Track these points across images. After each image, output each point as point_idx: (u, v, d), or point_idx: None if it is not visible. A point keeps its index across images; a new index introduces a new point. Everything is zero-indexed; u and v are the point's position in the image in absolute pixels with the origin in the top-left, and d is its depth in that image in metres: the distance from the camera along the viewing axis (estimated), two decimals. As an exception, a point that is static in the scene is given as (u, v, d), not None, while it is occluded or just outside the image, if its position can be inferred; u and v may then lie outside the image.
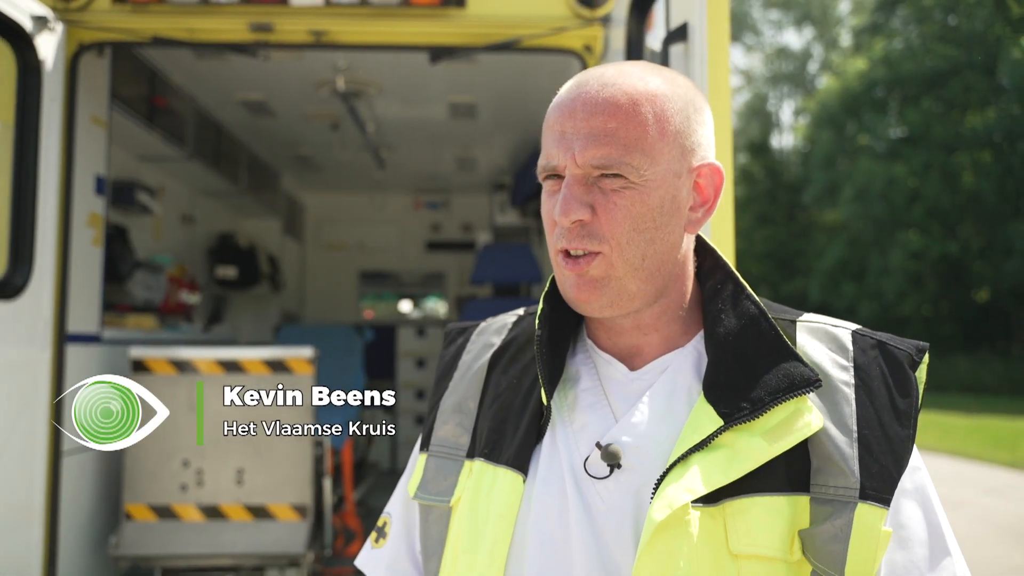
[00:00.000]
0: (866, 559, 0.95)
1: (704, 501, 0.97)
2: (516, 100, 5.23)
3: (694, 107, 1.06)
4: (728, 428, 0.99)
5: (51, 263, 3.27)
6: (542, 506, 1.06)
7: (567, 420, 1.10)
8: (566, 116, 1.03)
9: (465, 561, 1.09)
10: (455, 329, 1.32)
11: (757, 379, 1.01)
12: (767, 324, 1.05)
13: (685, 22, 2.18)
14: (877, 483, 0.97)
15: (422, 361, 7.69)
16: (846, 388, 1.02)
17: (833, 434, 0.99)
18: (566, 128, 1.02)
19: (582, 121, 1.01)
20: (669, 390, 1.07)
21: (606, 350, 1.13)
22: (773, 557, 0.96)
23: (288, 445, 3.75)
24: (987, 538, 8.16)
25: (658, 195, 1.01)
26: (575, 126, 1.02)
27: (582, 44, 3.47)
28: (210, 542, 3.68)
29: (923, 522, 1.01)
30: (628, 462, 1.03)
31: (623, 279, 1.03)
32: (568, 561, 1.03)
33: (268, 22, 3.38)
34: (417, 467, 1.22)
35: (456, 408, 1.21)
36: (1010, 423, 17.20)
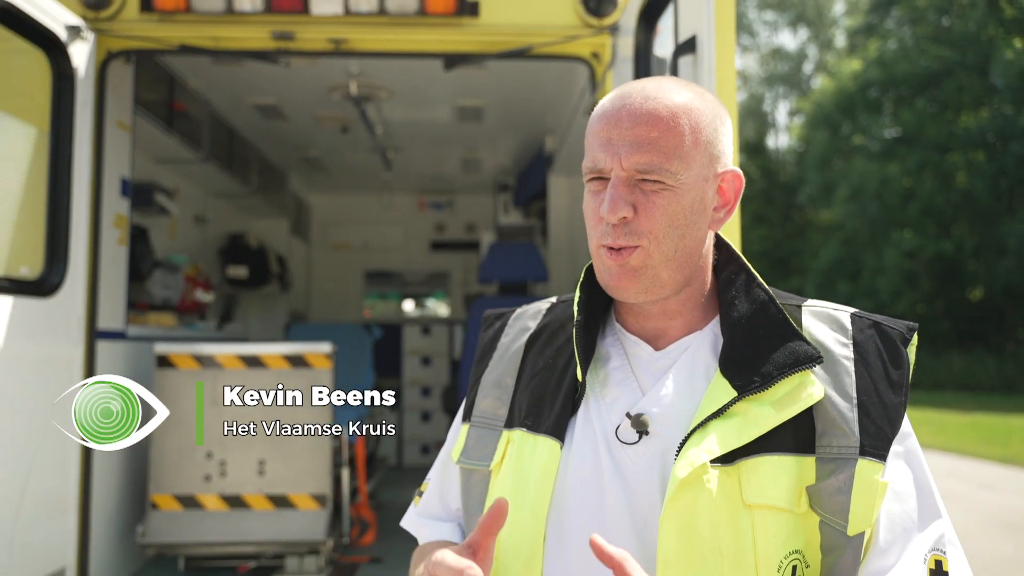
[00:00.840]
0: (867, 507, 1.11)
1: (721, 461, 1.12)
2: (521, 103, 5.38)
3: (720, 119, 1.21)
4: (741, 399, 1.14)
5: (83, 262, 3.42)
6: (578, 468, 1.21)
7: (599, 394, 1.25)
8: (612, 124, 1.18)
9: (510, 516, 1.24)
10: (493, 314, 1.47)
11: (766, 356, 1.16)
12: (775, 309, 1.21)
13: (694, 35, 2.34)
14: (874, 441, 1.12)
15: (427, 359, 7.84)
16: (847, 362, 1.17)
17: (836, 401, 1.15)
18: (612, 135, 1.17)
19: (627, 130, 1.16)
20: (690, 367, 1.23)
21: (634, 333, 1.28)
22: (781, 508, 1.12)
23: (307, 438, 3.90)
24: (980, 530, 8.33)
25: (690, 197, 1.17)
26: (621, 134, 1.16)
27: (590, 52, 3.62)
28: (233, 530, 3.82)
29: (914, 482, 1.17)
30: (654, 429, 1.19)
31: (657, 269, 1.18)
32: (602, 515, 1.18)
33: (290, 31, 3.53)
34: (460, 436, 1.37)
35: (495, 384, 1.36)
36: (1004, 420, 17.35)
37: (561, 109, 5.27)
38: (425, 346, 7.84)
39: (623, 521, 1.16)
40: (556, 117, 5.53)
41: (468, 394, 1.41)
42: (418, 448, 7.70)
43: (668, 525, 1.11)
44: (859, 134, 30.85)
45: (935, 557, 1.13)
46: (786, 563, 1.12)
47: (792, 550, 1.13)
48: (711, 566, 1.11)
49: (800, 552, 1.13)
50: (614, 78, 3.47)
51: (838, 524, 1.12)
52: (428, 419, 7.74)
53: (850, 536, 1.11)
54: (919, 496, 1.16)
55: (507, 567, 1.24)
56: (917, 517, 1.15)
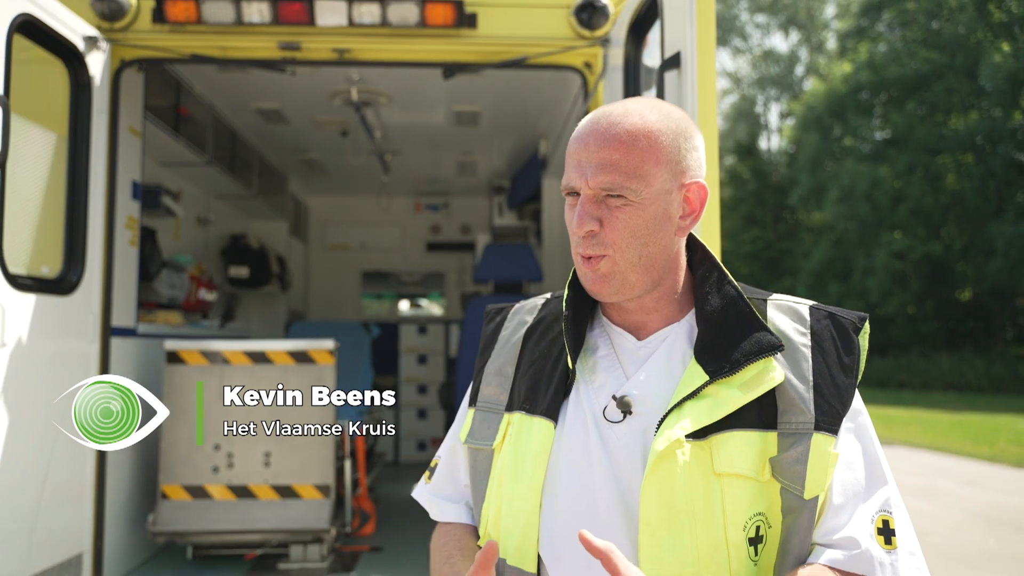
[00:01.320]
0: (821, 475, 1.28)
1: (694, 436, 1.29)
2: (516, 109, 5.55)
3: (684, 136, 1.37)
4: (712, 382, 1.31)
5: (99, 262, 3.58)
6: (570, 445, 1.38)
7: (589, 380, 1.42)
8: (582, 148, 1.35)
9: (509, 488, 1.41)
10: (494, 309, 1.65)
11: (735, 345, 1.34)
12: (743, 303, 1.38)
13: (678, 51, 2.51)
14: (827, 418, 1.30)
15: (423, 357, 8.00)
16: (805, 349, 1.35)
17: (795, 384, 1.32)
18: (582, 158, 1.34)
19: (594, 152, 1.33)
20: (668, 355, 1.40)
21: (618, 325, 1.45)
22: (747, 476, 1.29)
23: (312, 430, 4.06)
24: (963, 524, 8.52)
25: (652, 210, 1.33)
26: (588, 156, 1.33)
27: (583, 61, 3.80)
28: (240, 519, 3.99)
29: (863, 453, 1.34)
30: (637, 409, 1.36)
31: (625, 274, 1.35)
32: (592, 485, 1.35)
33: (296, 41, 3.70)
34: (467, 420, 1.55)
35: (497, 372, 1.53)
36: (991, 419, 17.55)
37: (554, 114, 5.44)
38: (421, 344, 8.00)
39: (609, 490, 1.33)
40: (549, 122, 5.70)
41: (473, 382, 1.58)
42: (414, 444, 7.86)
43: (649, 492, 1.28)
44: (850, 136, 31.10)
45: (882, 517, 1.30)
46: (750, 523, 1.29)
47: (756, 512, 1.30)
48: (686, 526, 1.28)
49: (763, 514, 1.30)
50: (605, 87, 3.64)
51: (796, 489, 1.29)
52: (424, 416, 7.90)
53: (806, 500, 1.28)
54: (867, 465, 1.33)
55: (508, 531, 1.40)
56: (865, 483, 1.32)
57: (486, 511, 1.46)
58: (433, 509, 1.59)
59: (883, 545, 1.28)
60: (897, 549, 1.28)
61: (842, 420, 1.31)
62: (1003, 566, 7.01)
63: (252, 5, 3.57)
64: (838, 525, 1.29)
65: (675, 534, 1.28)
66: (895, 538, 1.29)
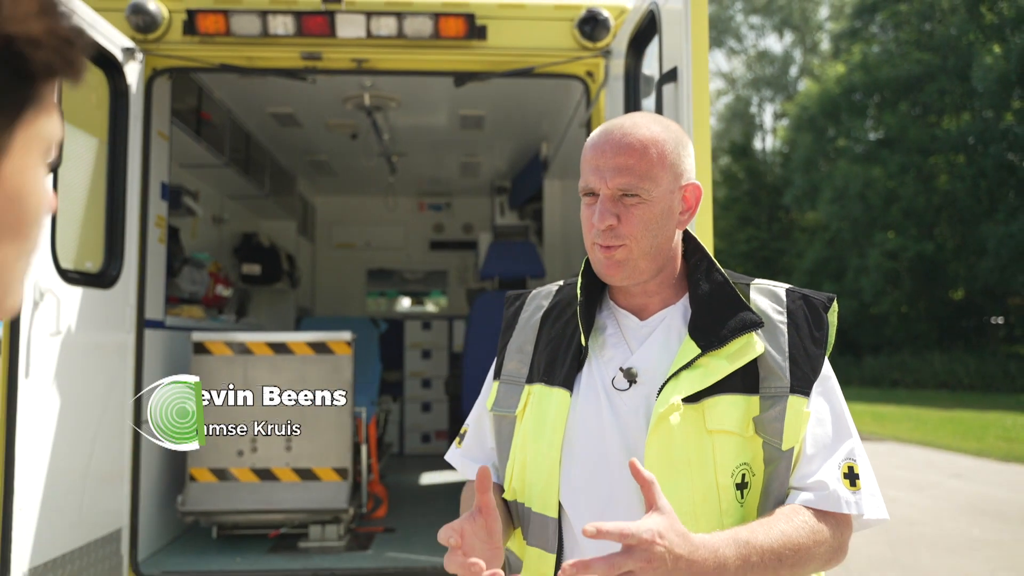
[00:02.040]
0: (795, 430, 1.55)
1: (689, 400, 1.56)
2: (518, 113, 5.80)
3: (682, 144, 1.65)
4: (704, 354, 1.58)
5: (134, 258, 3.84)
6: (584, 410, 1.64)
7: (599, 355, 1.68)
8: (599, 154, 1.61)
9: (532, 448, 1.67)
10: (513, 295, 1.91)
11: (723, 323, 1.60)
12: (729, 288, 1.65)
13: (675, 67, 2.77)
14: (800, 383, 1.56)
15: (427, 352, 8.26)
16: (782, 325, 1.61)
17: (773, 355, 1.59)
18: (599, 163, 1.60)
19: (610, 159, 1.59)
20: (666, 332, 1.67)
21: (624, 308, 1.72)
22: (733, 432, 1.56)
23: (331, 417, 4.33)
24: (949, 515, 8.80)
25: (660, 206, 1.60)
26: (605, 162, 1.60)
27: (585, 71, 4.06)
28: (263, 500, 4.25)
29: (831, 412, 1.60)
30: (640, 379, 1.62)
31: (637, 261, 1.61)
32: (603, 443, 1.61)
33: (318, 51, 3.96)
34: (492, 391, 1.81)
35: (518, 350, 1.80)
36: (980, 415, 17.79)
37: (555, 118, 5.70)
38: (425, 340, 8.26)
39: (618, 446, 1.60)
40: (551, 125, 5.96)
41: (496, 358, 1.85)
42: (419, 437, 8.11)
43: (652, 447, 1.55)
44: (843, 137, 31.36)
45: (848, 464, 1.56)
46: (737, 472, 1.56)
47: (741, 463, 1.57)
48: (683, 475, 1.54)
49: (748, 464, 1.57)
50: (607, 95, 3.91)
51: (775, 443, 1.55)
52: (428, 409, 8.15)
53: (784, 451, 1.55)
54: (834, 422, 1.59)
55: (532, 484, 1.66)
56: (833, 436, 1.58)
57: (510, 468, 1.71)
58: (464, 469, 1.84)
59: (848, 487, 1.54)
60: (860, 490, 1.55)
61: (813, 384, 1.58)
62: (986, 553, 7.28)
63: (277, 18, 3.82)
64: (811, 471, 1.55)
65: (674, 481, 1.54)
66: (859, 481, 1.55)
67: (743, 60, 42.97)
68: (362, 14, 3.84)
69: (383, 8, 3.87)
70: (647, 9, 3.19)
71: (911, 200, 27.67)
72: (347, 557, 4.18)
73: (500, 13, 3.98)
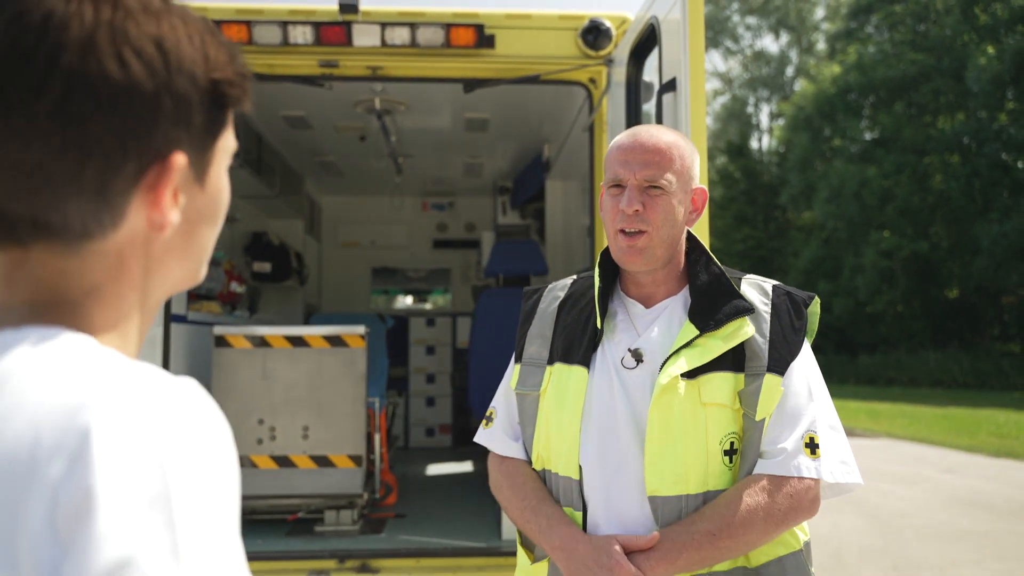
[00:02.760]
0: (767, 403, 1.78)
1: (687, 376, 1.79)
2: (522, 116, 6.01)
3: (693, 153, 1.91)
4: (701, 336, 1.81)
5: (161, 255, 4.04)
6: (599, 384, 1.87)
7: (610, 337, 1.91)
8: (628, 151, 1.85)
9: (555, 418, 1.90)
10: (530, 290, 2.15)
11: (718, 309, 1.83)
12: (725, 279, 1.88)
13: (674, 77, 2.99)
14: (777, 364, 1.80)
15: (431, 348, 8.48)
16: (766, 315, 1.84)
17: (758, 339, 1.82)
18: (628, 158, 1.84)
19: (639, 155, 1.83)
20: (668, 318, 1.90)
21: (632, 297, 1.95)
22: (724, 405, 1.79)
23: (346, 407, 4.54)
24: (940, 506, 9.04)
25: (677, 200, 1.84)
26: (634, 157, 1.84)
27: (588, 77, 4.29)
28: (282, 485, 4.46)
29: (806, 386, 1.83)
30: (646, 358, 1.85)
31: (655, 248, 1.84)
32: (615, 413, 1.84)
33: (335, 59, 4.17)
34: (515, 373, 2.04)
35: (538, 335, 2.03)
36: (973, 413, 18.04)
37: (558, 122, 5.91)
38: (430, 336, 8.48)
39: (627, 415, 1.83)
40: (553, 128, 6.18)
41: (517, 344, 2.08)
42: (423, 431, 8.33)
43: (653, 416, 1.78)
44: (839, 137, 31.61)
45: (809, 435, 1.79)
46: (725, 439, 1.79)
47: (730, 432, 1.80)
48: (679, 440, 1.77)
49: (735, 432, 1.80)
50: (609, 101, 4.13)
51: (751, 414, 1.79)
52: (432, 404, 8.37)
53: (756, 421, 1.79)
54: (803, 399, 1.82)
55: (557, 451, 1.89)
56: (799, 411, 1.81)
57: (537, 438, 1.95)
58: (497, 446, 2.06)
59: (809, 455, 1.77)
60: (820, 458, 1.77)
61: (789, 365, 1.81)
62: (975, 542, 7.52)
63: (297, 28, 4.03)
64: (776, 439, 1.79)
65: (670, 445, 1.77)
66: (819, 450, 1.78)
67: (739, 60, 43.22)
68: (377, 24, 4.05)
69: (397, 18, 4.09)
70: (647, 22, 3.41)
71: (906, 199, 27.94)
72: (362, 540, 4.39)
73: (508, 23, 4.20)
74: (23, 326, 0.76)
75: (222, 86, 0.81)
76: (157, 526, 0.65)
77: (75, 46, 0.72)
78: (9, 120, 0.72)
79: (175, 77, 0.77)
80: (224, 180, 0.87)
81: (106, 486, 0.65)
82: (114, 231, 0.78)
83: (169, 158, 0.78)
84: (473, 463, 7.01)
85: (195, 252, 0.87)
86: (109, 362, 0.74)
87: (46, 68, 0.71)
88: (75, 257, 0.78)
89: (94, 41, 0.73)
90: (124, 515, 0.64)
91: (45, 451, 0.66)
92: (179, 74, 0.77)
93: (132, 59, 0.74)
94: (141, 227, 0.79)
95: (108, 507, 0.64)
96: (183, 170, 0.80)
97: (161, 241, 0.82)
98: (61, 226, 0.76)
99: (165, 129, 0.77)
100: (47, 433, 0.67)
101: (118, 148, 0.74)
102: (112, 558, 0.63)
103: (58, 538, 0.64)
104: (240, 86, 0.83)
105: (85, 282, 0.79)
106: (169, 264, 0.84)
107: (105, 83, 0.73)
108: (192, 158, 0.81)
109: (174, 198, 0.80)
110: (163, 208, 0.79)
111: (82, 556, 0.63)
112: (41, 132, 0.72)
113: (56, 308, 0.78)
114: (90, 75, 0.72)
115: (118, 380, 0.72)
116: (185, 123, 0.79)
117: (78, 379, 0.71)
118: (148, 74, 0.75)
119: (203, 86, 0.79)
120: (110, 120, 0.73)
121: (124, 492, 0.65)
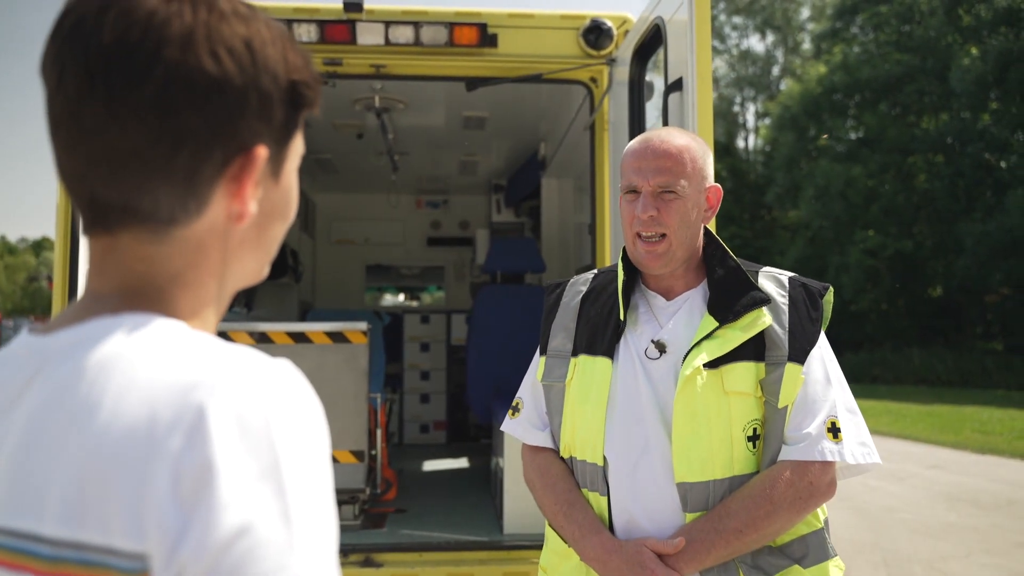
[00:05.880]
0: (790, 391, 1.84)
1: (710, 366, 1.84)
2: (519, 114, 6.05)
3: (706, 153, 1.95)
4: (721, 327, 1.86)
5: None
6: (623, 375, 1.92)
7: (633, 329, 1.96)
8: (640, 158, 1.90)
9: (580, 408, 1.95)
10: (552, 284, 2.20)
11: (736, 300, 1.89)
12: (741, 272, 1.93)
13: (680, 77, 3.04)
14: (797, 353, 1.85)
15: (426, 345, 8.51)
16: (784, 306, 1.90)
17: (777, 329, 1.87)
18: (641, 164, 1.89)
19: (651, 161, 1.88)
20: (689, 310, 1.95)
21: (654, 290, 2.01)
22: (746, 393, 1.84)
23: (348, 403, 4.57)
24: (927, 502, 9.16)
25: (691, 202, 1.89)
26: (647, 164, 1.89)
27: (589, 77, 4.33)
28: (285, 481, 4.48)
29: (824, 373, 1.89)
30: (669, 349, 1.90)
31: (674, 251, 1.90)
32: (639, 402, 1.89)
33: (339, 58, 4.20)
34: (540, 365, 2.09)
35: (563, 328, 2.08)
36: (958, 410, 18.21)
37: (555, 120, 5.96)
38: (424, 333, 8.51)
39: (652, 405, 1.88)
40: (550, 126, 6.22)
41: (542, 338, 2.13)
42: (418, 427, 8.35)
43: (679, 405, 1.83)
44: (824, 135, 31.78)
45: (831, 420, 1.85)
46: (748, 426, 1.85)
47: (752, 419, 1.85)
48: (703, 428, 1.83)
49: (757, 419, 1.86)
50: (611, 101, 4.18)
51: (773, 402, 1.84)
52: (427, 400, 8.40)
53: (779, 408, 1.84)
54: (824, 385, 1.88)
55: (583, 439, 1.95)
56: (820, 398, 1.87)
57: (564, 427, 2.00)
58: (527, 436, 2.11)
59: (831, 439, 1.83)
60: (843, 441, 1.83)
61: (808, 354, 1.87)
62: (960, 535, 7.63)
63: (302, 26, 4.06)
64: (800, 426, 1.84)
65: (696, 433, 1.82)
66: (840, 434, 1.83)
67: (726, 60, 43.41)
68: (381, 23, 4.09)
69: (401, 17, 4.12)
70: (652, 22, 3.46)
71: (891, 199, 28.13)
72: (364, 534, 4.42)
73: (510, 22, 4.24)
74: (120, 312, 0.80)
75: (299, 87, 0.86)
76: (270, 495, 0.70)
77: (176, 41, 0.77)
78: (111, 106, 0.76)
79: (261, 75, 0.82)
80: (295, 179, 0.92)
81: (224, 458, 0.69)
82: (198, 218, 0.82)
83: (253, 150, 0.82)
84: (469, 459, 7.04)
85: (266, 246, 0.91)
86: (210, 344, 0.79)
87: (150, 60, 0.76)
88: (160, 243, 0.82)
89: (193, 38, 0.78)
90: (242, 485, 0.69)
91: (163, 427, 0.70)
92: (264, 73, 0.82)
93: (225, 56, 0.79)
94: (221, 217, 0.84)
95: (227, 478, 0.69)
96: (264, 162, 0.84)
97: (238, 231, 0.86)
98: (150, 212, 0.80)
99: (250, 122, 0.82)
100: (163, 410, 0.71)
101: (208, 137, 0.79)
102: (234, 524, 0.68)
103: (181, 506, 0.68)
104: (314, 89, 0.89)
105: (170, 268, 0.83)
106: (243, 256, 0.89)
107: (201, 76, 0.78)
108: (271, 153, 0.85)
109: (254, 189, 0.84)
110: (245, 198, 0.83)
111: (205, 522, 0.67)
112: (140, 119, 0.77)
113: (144, 295, 0.83)
114: (189, 68, 0.77)
115: (224, 361, 0.76)
116: (267, 119, 0.83)
117: (186, 360, 0.75)
118: (238, 70, 0.80)
119: (283, 86, 0.85)
120: (203, 111, 0.78)
121: (240, 464, 0.70)
